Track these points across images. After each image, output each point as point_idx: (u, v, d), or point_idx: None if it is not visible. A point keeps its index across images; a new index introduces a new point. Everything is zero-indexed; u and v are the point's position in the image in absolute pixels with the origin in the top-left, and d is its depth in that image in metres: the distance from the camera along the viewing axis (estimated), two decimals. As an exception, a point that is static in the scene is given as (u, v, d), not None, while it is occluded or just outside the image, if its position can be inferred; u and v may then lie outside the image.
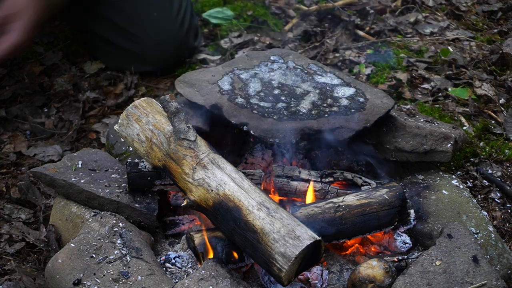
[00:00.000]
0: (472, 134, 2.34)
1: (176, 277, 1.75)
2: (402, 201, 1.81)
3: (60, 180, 1.86)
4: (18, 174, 2.21)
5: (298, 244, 1.52)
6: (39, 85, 2.56)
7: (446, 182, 1.99)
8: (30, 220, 2.05)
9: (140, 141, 1.79)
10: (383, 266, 1.68)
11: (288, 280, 1.55)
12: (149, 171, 1.83)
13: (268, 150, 2.08)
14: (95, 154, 2.01)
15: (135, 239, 1.74)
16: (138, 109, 1.82)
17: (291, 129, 1.86)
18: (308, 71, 2.12)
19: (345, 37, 2.86)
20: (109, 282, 1.64)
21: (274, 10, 3.02)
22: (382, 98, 2.01)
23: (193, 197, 1.68)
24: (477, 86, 2.54)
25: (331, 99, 1.99)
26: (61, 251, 1.70)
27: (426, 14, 3.02)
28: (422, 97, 2.52)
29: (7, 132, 2.39)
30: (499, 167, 2.24)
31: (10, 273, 1.86)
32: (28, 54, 2.69)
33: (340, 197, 1.81)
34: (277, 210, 1.59)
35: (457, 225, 1.79)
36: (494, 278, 1.67)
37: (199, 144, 1.72)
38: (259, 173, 1.88)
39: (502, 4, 3.10)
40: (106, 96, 2.54)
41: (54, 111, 2.48)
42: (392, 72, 2.64)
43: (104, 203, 1.83)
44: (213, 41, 2.86)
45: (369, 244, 1.88)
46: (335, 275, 1.79)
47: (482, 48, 2.78)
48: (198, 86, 2.04)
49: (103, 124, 2.43)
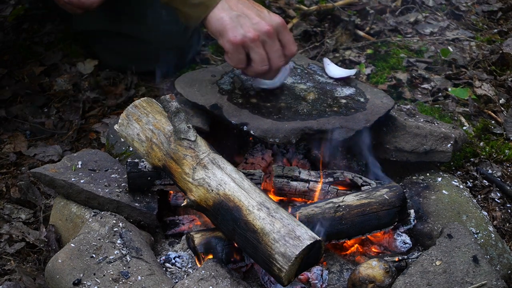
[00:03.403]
0: (472, 134, 2.34)
1: (176, 277, 1.75)
2: (402, 201, 1.81)
3: (60, 180, 1.86)
4: (18, 174, 2.21)
5: (298, 244, 1.52)
6: (39, 85, 2.56)
7: (446, 182, 1.99)
8: (30, 220, 2.05)
9: (140, 141, 1.79)
10: (383, 266, 1.68)
11: (288, 280, 1.55)
12: (149, 171, 1.83)
13: (268, 150, 2.08)
14: (95, 154, 2.01)
15: (135, 239, 1.74)
16: (138, 109, 1.82)
17: (291, 129, 1.86)
18: (308, 71, 2.12)
19: (345, 37, 2.86)
20: (109, 282, 1.64)
21: (274, 10, 3.02)
22: (382, 98, 2.01)
23: (193, 197, 1.68)
24: (477, 86, 2.54)
25: (331, 99, 1.99)
26: (61, 251, 1.70)
27: (426, 14, 3.02)
28: (422, 97, 2.52)
29: (7, 132, 2.39)
30: (499, 167, 2.24)
31: (10, 273, 1.86)
32: (28, 54, 2.69)
33: (340, 197, 1.81)
34: (277, 210, 1.59)
35: (457, 225, 1.79)
36: (494, 278, 1.67)
37: (199, 144, 1.72)
38: (259, 173, 1.88)
39: (502, 4, 3.09)
40: (106, 96, 2.54)
41: (54, 111, 2.48)
42: (392, 72, 2.64)
43: (104, 202, 1.83)
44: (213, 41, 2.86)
45: (369, 244, 1.88)
46: (335, 275, 1.79)
47: (482, 48, 2.78)
48: (198, 86, 2.04)
49: (103, 124, 2.42)
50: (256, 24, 1.84)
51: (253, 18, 1.85)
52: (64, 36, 2.77)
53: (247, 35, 1.83)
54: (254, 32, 1.83)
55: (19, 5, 2.88)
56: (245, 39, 1.83)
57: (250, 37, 1.83)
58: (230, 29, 1.84)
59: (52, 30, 2.80)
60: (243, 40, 1.84)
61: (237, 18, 1.85)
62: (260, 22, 1.84)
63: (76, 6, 2.07)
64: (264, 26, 1.84)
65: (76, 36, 2.74)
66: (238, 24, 1.84)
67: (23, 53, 2.69)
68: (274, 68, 1.89)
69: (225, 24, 1.85)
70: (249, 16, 1.85)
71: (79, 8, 2.08)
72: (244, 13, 1.86)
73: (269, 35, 1.84)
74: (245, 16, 1.85)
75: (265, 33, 1.84)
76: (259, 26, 1.84)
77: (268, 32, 1.84)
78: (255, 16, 1.86)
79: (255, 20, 1.85)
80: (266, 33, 1.84)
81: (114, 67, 2.64)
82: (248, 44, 1.84)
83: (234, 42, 1.84)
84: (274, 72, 1.92)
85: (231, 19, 1.85)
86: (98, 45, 2.65)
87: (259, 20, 1.85)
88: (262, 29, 1.84)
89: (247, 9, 1.87)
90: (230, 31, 1.84)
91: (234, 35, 1.84)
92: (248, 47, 1.85)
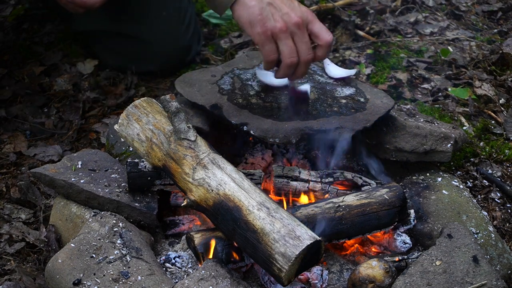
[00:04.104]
0: (472, 134, 2.35)
1: (176, 277, 1.75)
2: (402, 201, 1.81)
3: (60, 180, 1.86)
4: (18, 174, 2.21)
5: (298, 244, 1.52)
6: (39, 85, 2.56)
7: (446, 182, 1.99)
8: (30, 220, 2.05)
9: (140, 141, 1.79)
10: (383, 266, 1.68)
11: (288, 280, 1.55)
12: (149, 171, 1.83)
13: (268, 150, 2.08)
14: (95, 154, 2.01)
15: (135, 239, 1.75)
16: (138, 109, 1.82)
17: (291, 129, 1.86)
18: (308, 71, 2.12)
19: (345, 37, 2.86)
20: (109, 282, 1.64)
21: (274, 10, 3.02)
22: (382, 98, 2.01)
23: (193, 197, 1.68)
24: (477, 86, 2.54)
25: (331, 99, 1.99)
26: (61, 251, 1.70)
27: (426, 14, 3.02)
28: (422, 97, 2.52)
29: (7, 132, 2.39)
30: (499, 167, 2.24)
31: (10, 273, 1.86)
32: (28, 54, 2.69)
33: (340, 197, 1.81)
34: (277, 210, 1.59)
35: (457, 225, 1.79)
36: (494, 278, 1.67)
37: (199, 144, 1.72)
38: (259, 173, 1.88)
39: (502, 4, 3.10)
40: (106, 96, 2.54)
41: (54, 111, 2.48)
42: (392, 72, 2.64)
43: (104, 202, 1.83)
44: (213, 41, 2.86)
45: (369, 244, 1.88)
46: (335, 275, 1.79)
47: (482, 48, 2.78)
48: (198, 86, 2.04)
49: (103, 124, 2.42)
50: (286, 15, 1.81)
51: (283, 8, 1.82)
52: (64, 36, 2.77)
53: (277, 25, 1.80)
54: (283, 23, 1.80)
55: (19, 5, 2.88)
56: (275, 30, 1.80)
57: (279, 27, 1.80)
58: (260, 20, 1.81)
59: (52, 30, 2.80)
60: (273, 32, 1.81)
61: (268, 8, 1.82)
62: (289, 13, 1.81)
63: (78, 5, 2.07)
64: (294, 17, 1.81)
65: (76, 36, 2.74)
66: (268, 14, 1.81)
67: (23, 53, 2.69)
68: (302, 60, 1.84)
69: (255, 14, 1.81)
70: (279, 7, 1.82)
71: (81, 7, 2.08)
72: (275, 2, 1.83)
73: (298, 26, 1.81)
74: (275, 6, 1.82)
75: (295, 24, 1.81)
76: (289, 17, 1.81)
77: (297, 23, 1.81)
78: (284, 7, 1.82)
79: (285, 10, 1.82)
80: (295, 24, 1.81)
81: (114, 67, 2.64)
82: (277, 35, 1.81)
83: (264, 34, 1.81)
84: (303, 66, 1.86)
85: (261, 9, 1.81)
86: (98, 45, 2.65)
87: (288, 11, 1.82)
88: (292, 20, 1.81)
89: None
90: (260, 22, 1.81)
91: (264, 26, 1.81)
92: (277, 38, 1.81)
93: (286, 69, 1.86)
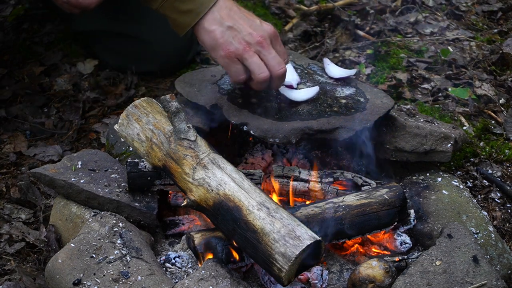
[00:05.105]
0: (472, 134, 2.35)
1: (176, 277, 1.75)
2: (402, 201, 1.81)
3: (60, 180, 1.86)
4: (18, 174, 2.21)
5: (298, 244, 1.52)
6: (39, 85, 2.56)
7: (446, 182, 1.99)
8: (30, 220, 2.05)
9: (140, 141, 1.79)
10: (383, 266, 1.68)
11: (288, 280, 1.55)
12: (149, 171, 1.83)
13: (268, 150, 2.08)
14: (95, 154, 2.01)
15: (135, 239, 1.75)
16: (138, 108, 1.82)
17: (291, 129, 1.86)
18: (308, 71, 2.12)
19: (345, 37, 2.86)
20: (109, 282, 1.64)
21: (274, 10, 3.02)
22: (382, 98, 2.01)
23: (193, 197, 1.68)
24: (477, 86, 2.54)
25: (331, 99, 1.99)
26: (61, 251, 1.70)
27: (426, 14, 3.02)
28: (422, 97, 2.52)
29: (7, 132, 2.39)
30: (499, 167, 2.24)
31: (10, 273, 1.86)
32: (28, 54, 2.69)
33: (340, 197, 1.81)
34: (277, 210, 1.59)
35: (457, 225, 1.79)
36: (494, 278, 1.67)
37: (199, 144, 1.72)
38: (259, 173, 1.88)
39: (502, 4, 3.09)
40: (106, 96, 2.54)
41: (54, 111, 2.48)
42: (392, 72, 2.64)
43: (103, 202, 1.83)
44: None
45: (369, 244, 1.88)
46: (335, 275, 1.79)
47: (482, 48, 2.78)
48: (198, 86, 2.04)
49: (103, 124, 2.42)
50: (248, 35, 1.83)
51: (244, 29, 1.84)
52: (64, 36, 2.77)
53: (239, 47, 1.82)
54: (246, 44, 1.82)
55: (19, 5, 2.88)
56: (238, 52, 1.82)
57: (242, 49, 1.82)
58: (221, 44, 1.83)
59: (52, 30, 2.80)
60: (236, 53, 1.82)
61: (228, 31, 1.83)
62: (251, 34, 1.83)
63: (73, 5, 2.07)
64: (256, 37, 1.83)
65: (76, 36, 2.74)
66: (229, 38, 1.83)
67: (23, 53, 2.69)
68: (275, 74, 1.85)
69: (216, 39, 1.84)
70: (239, 28, 1.84)
71: (76, 8, 2.08)
72: (235, 25, 1.84)
73: (262, 45, 1.83)
74: (235, 29, 1.84)
75: (258, 43, 1.83)
76: (251, 37, 1.83)
77: (260, 43, 1.83)
78: (246, 27, 1.84)
79: (246, 31, 1.83)
80: (258, 43, 1.83)
81: (114, 67, 2.64)
82: (242, 56, 1.83)
83: (227, 57, 1.83)
84: (277, 80, 1.87)
85: (222, 33, 1.83)
86: (98, 45, 2.65)
87: (250, 31, 1.83)
88: (254, 40, 1.83)
89: (239, 19, 1.85)
90: (221, 46, 1.83)
91: (227, 49, 1.82)
92: (242, 59, 1.83)
93: (259, 85, 1.87)
